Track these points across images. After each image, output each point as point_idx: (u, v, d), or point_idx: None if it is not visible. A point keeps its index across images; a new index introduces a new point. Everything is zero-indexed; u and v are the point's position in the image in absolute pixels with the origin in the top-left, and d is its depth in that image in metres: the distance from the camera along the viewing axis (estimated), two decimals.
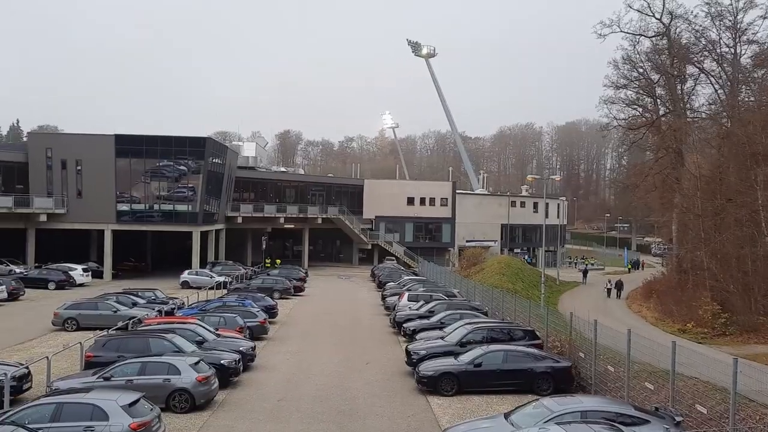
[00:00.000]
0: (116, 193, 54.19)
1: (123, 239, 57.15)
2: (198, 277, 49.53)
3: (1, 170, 54.47)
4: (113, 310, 30.56)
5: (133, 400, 14.00)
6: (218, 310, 28.67)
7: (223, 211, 62.83)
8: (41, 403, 13.76)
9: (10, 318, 34.06)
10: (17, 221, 52.55)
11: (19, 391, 17.56)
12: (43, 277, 46.84)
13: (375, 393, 20.19)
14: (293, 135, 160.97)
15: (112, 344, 20.55)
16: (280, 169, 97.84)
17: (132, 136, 54.47)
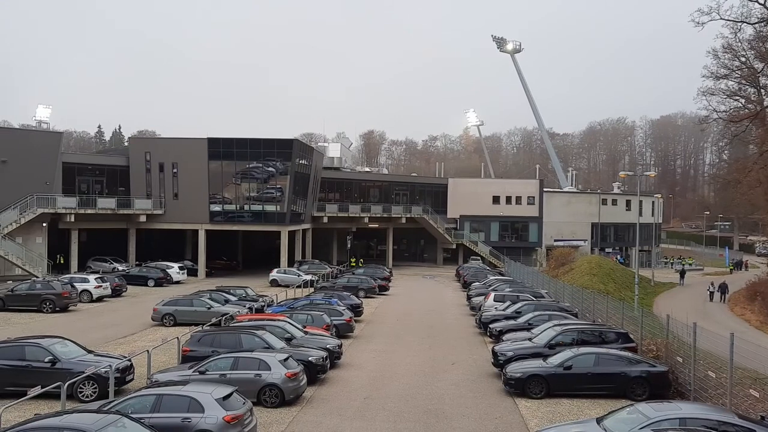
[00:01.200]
0: (209, 195, 56.45)
1: (215, 238, 59.46)
2: (286, 276, 50.78)
3: (105, 174, 57.97)
4: (207, 307, 31.79)
5: (226, 394, 14.48)
6: (306, 308, 29.25)
7: (310, 211, 64.15)
8: (143, 394, 14.46)
9: (113, 313, 36.14)
10: (120, 221, 55.81)
11: (122, 382, 18.56)
12: (143, 274, 49.46)
13: (461, 393, 19.99)
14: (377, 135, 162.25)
15: (207, 339, 21.38)
16: (365, 169, 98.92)
17: (223, 139, 56.57)
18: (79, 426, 11.40)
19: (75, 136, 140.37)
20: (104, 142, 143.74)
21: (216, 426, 13.64)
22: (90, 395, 17.86)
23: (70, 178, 54.40)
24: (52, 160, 51.69)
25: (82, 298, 38.53)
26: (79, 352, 19.25)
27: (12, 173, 48.65)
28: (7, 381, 18.06)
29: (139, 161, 57.16)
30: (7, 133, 61.32)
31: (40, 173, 50.19)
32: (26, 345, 18.88)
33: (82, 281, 40.16)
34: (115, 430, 11.55)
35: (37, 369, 18.11)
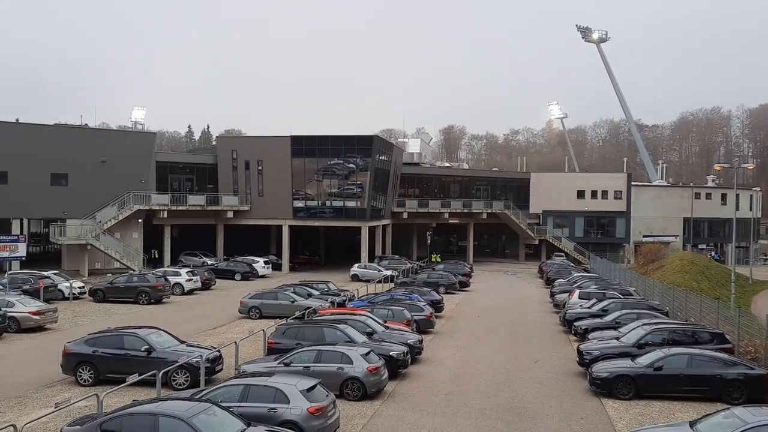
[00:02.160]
0: (292, 191, 57.82)
1: (298, 234, 60.84)
2: (367, 271, 51.31)
3: (195, 172, 60.47)
4: (291, 301, 32.61)
5: (310, 386, 14.80)
6: (386, 303, 29.49)
7: (390, 207, 64.51)
8: (231, 384, 15.01)
9: (203, 305, 37.68)
10: (208, 217, 58.12)
11: (212, 372, 19.33)
12: (231, 268, 51.28)
13: (545, 392, 19.60)
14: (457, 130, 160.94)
15: (291, 332, 21.93)
16: (445, 164, 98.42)
17: (305, 137, 57.74)
18: (174, 412, 11.96)
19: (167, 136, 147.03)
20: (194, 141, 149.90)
21: (300, 417, 13.98)
22: (182, 383, 18.71)
23: (163, 176, 57.11)
24: (146, 160, 54.42)
25: (174, 290, 40.37)
26: (173, 343, 20.19)
27: (110, 172, 51.56)
28: (108, 368, 19.22)
29: (226, 159, 59.23)
30: (105, 134, 65.01)
31: (136, 172, 52.94)
32: (124, 335, 20.00)
33: (174, 275, 42.09)
34: (206, 417, 12.04)
35: (134, 357, 19.15)
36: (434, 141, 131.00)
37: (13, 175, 48.30)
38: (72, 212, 49.71)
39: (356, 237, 59.22)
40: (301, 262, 61.78)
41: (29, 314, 28.14)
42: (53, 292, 36.46)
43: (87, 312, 34.02)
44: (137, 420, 11.98)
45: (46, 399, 17.78)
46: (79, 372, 19.41)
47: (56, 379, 19.89)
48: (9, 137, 48.71)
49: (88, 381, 19.29)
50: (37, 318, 28.33)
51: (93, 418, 12.79)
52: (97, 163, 51.35)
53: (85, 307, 35.82)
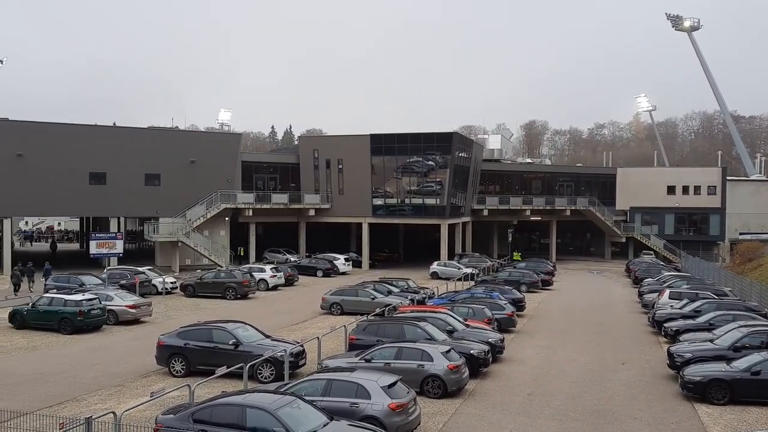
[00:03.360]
0: (372, 189, 58.36)
1: (378, 231, 61.33)
2: (446, 269, 51.12)
3: (279, 171, 62.08)
4: (371, 298, 32.93)
5: (391, 382, 14.91)
6: (467, 301, 29.27)
7: (469, 204, 63.97)
8: (314, 379, 15.33)
9: (287, 301, 38.64)
10: (291, 215, 59.56)
11: (295, 366, 19.80)
12: (313, 265, 52.34)
13: (633, 395, 18.91)
14: (539, 125, 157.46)
15: (372, 329, 22.15)
16: (526, 160, 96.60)
17: (385, 135, 58.10)
18: (261, 404, 12.35)
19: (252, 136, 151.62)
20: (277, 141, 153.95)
21: (382, 413, 14.10)
22: (268, 377, 19.27)
23: (248, 175, 58.96)
24: (232, 160, 56.35)
25: (259, 286, 41.61)
26: (258, 337, 20.84)
27: (199, 172, 53.74)
28: (198, 360, 20.07)
29: (308, 158, 60.48)
30: (194, 136, 67.75)
31: (223, 172, 54.94)
32: (213, 329, 20.80)
33: (259, 271, 43.39)
34: (290, 410, 12.35)
35: (222, 350, 19.90)
36: (515, 137, 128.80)
37: (111, 176, 51.20)
38: (164, 211, 52.16)
39: (435, 234, 59.09)
40: (381, 260, 62.26)
41: (126, 308, 29.76)
42: (147, 287, 38.35)
43: (178, 306, 35.60)
44: (227, 410, 12.45)
45: (143, 388, 18.75)
46: (172, 363, 20.36)
47: (151, 370, 20.93)
48: (107, 140, 51.65)
49: (180, 372, 20.20)
50: (134, 311, 29.90)
51: (185, 407, 13.38)
52: (187, 164, 53.63)
53: (177, 301, 37.49)
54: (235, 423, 12.18)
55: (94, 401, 17.49)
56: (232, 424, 12.18)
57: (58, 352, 23.87)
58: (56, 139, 49.43)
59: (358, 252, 60.50)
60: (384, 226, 60.94)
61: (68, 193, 49.84)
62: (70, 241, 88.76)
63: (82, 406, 16.97)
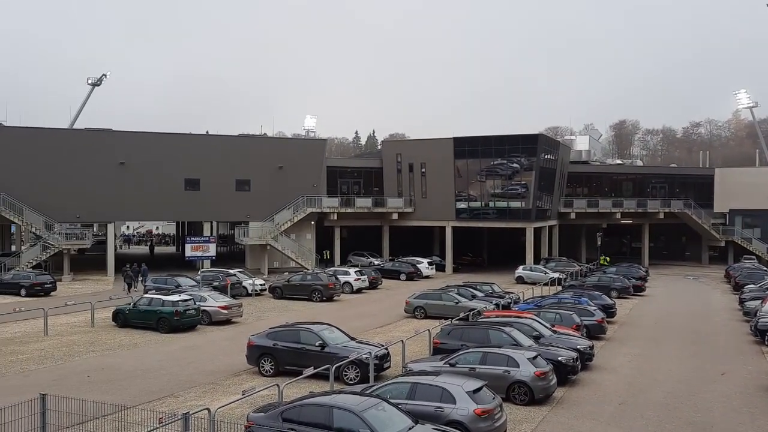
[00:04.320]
0: (455, 192, 58.07)
1: (461, 235, 60.93)
2: (532, 273, 50.13)
3: (362, 175, 62.91)
4: (455, 302, 32.75)
5: (477, 387, 14.78)
6: (554, 307, 28.57)
7: (556, 207, 62.48)
8: (399, 382, 15.42)
9: (371, 304, 39.04)
10: (375, 219, 60.17)
11: (380, 369, 19.97)
12: (396, 269, 52.62)
13: (733, 407, 17.88)
14: (629, 124, 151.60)
15: (456, 333, 22.03)
16: (616, 161, 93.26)
17: (468, 138, 57.70)
18: (347, 405, 12.55)
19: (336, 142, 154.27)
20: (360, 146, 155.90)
21: (467, 418, 14.01)
22: (353, 378, 19.54)
23: (333, 180, 60.09)
24: (318, 165, 57.61)
25: (344, 289, 42.25)
26: (344, 339, 21.18)
27: (286, 177, 55.29)
28: (286, 360, 20.62)
29: (391, 162, 60.93)
30: (282, 142, 69.73)
31: (309, 176, 56.26)
32: (301, 330, 21.32)
33: (344, 274, 44.08)
34: (376, 412, 12.48)
35: (309, 351, 20.36)
36: (604, 137, 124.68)
37: (204, 182, 53.52)
38: (253, 215, 53.98)
39: (521, 238, 58.07)
40: (465, 264, 61.81)
41: (219, 308, 30.97)
42: (238, 288, 39.76)
43: (267, 307, 36.69)
44: (314, 410, 12.74)
45: (234, 386, 19.44)
46: (262, 363, 21.02)
47: (242, 369, 21.68)
48: (200, 148, 54.05)
49: (269, 371, 20.82)
50: (226, 312, 31.08)
51: (275, 406, 13.78)
52: (275, 169, 55.28)
53: (266, 303, 38.64)
54: (322, 423, 12.43)
55: (190, 397, 18.30)
56: (320, 424, 12.43)
57: (156, 349, 25.15)
58: (154, 147, 52.20)
59: (442, 256, 60.33)
60: (468, 229, 60.49)
61: (165, 198, 52.52)
62: (167, 245, 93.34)
63: (179, 401, 17.80)
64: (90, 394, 17.13)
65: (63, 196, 48.98)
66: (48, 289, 40.29)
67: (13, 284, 40.23)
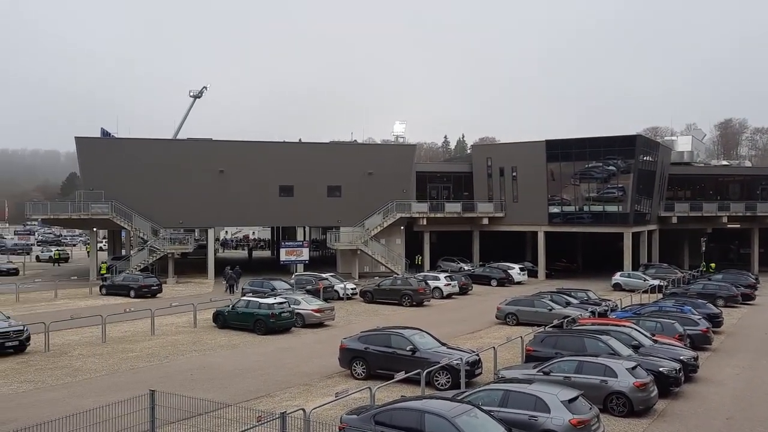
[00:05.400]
0: (548, 196, 56.74)
1: (554, 240, 59.44)
2: (630, 280, 48.22)
3: (452, 180, 62.70)
4: (548, 308, 31.98)
5: (572, 397, 14.37)
6: (654, 315, 27.36)
7: (656, 211, 59.81)
8: (491, 389, 15.21)
9: (461, 310, 38.77)
10: (464, 224, 59.76)
11: (471, 375, 19.78)
12: (487, 274, 52.02)
13: None
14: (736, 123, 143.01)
15: (550, 341, 21.50)
16: (721, 162, 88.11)
17: (561, 141, 56.31)
18: (439, 411, 12.51)
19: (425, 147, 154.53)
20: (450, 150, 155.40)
21: (562, 428, 13.64)
22: (444, 384, 19.47)
23: (422, 185, 60.24)
24: (407, 170, 57.92)
25: (434, 294, 42.20)
26: (434, 344, 21.14)
27: (376, 183, 55.96)
28: (377, 364, 20.83)
29: (481, 167, 60.35)
30: (372, 148, 70.56)
31: (398, 182, 56.68)
32: (392, 334, 21.47)
33: (434, 279, 44.02)
34: (468, 419, 12.38)
35: (400, 356, 20.46)
36: (708, 137, 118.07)
37: (297, 188, 55.09)
38: (344, 220, 54.98)
39: (618, 243, 55.95)
40: (558, 269, 60.26)
41: (312, 311, 31.73)
42: (330, 292, 40.55)
43: (358, 311, 37.22)
44: (406, 415, 12.78)
45: (327, 388, 19.84)
46: (354, 366, 21.34)
47: (334, 371, 22.09)
48: (294, 156, 55.66)
49: (361, 375, 21.10)
50: (318, 315, 31.79)
51: (367, 409, 13.95)
52: (364, 175, 56.08)
53: (356, 306, 39.21)
54: (414, 427, 12.45)
55: (285, 398, 18.84)
56: (411, 429, 12.46)
57: (253, 350, 26.06)
58: (251, 156, 54.26)
59: (534, 261, 59.09)
60: (561, 234, 58.96)
61: (261, 204, 54.45)
62: (262, 249, 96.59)
63: (275, 401, 18.36)
64: (193, 391, 17.98)
65: (167, 202, 51.82)
66: (155, 291, 42.71)
67: (124, 286, 42.90)
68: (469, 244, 61.29)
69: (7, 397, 18.67)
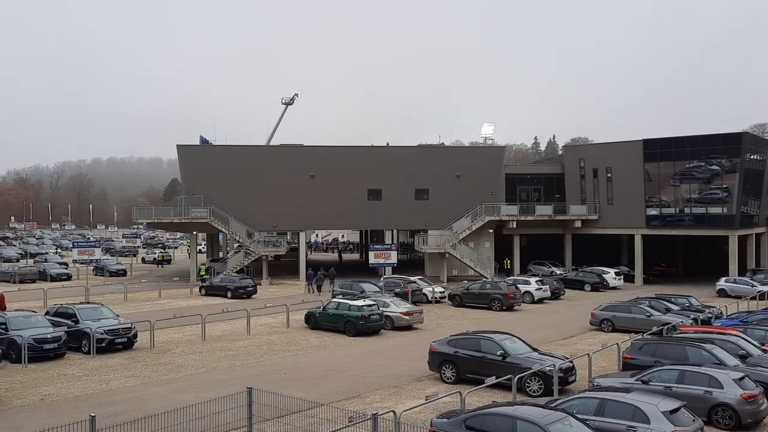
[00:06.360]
0: (645, 198, 54.42)
1: (652, 243, 56.94)
2: (737, 286, 45.47)
3: (542, 182, 61.32)
4: (646, 315, 30.65)
5: (674, 408, 13.71)
6: (763, 323, 25.65)
7: (765, 213, 56.09)
8: (586, 396, 14.74)
9: (553, 315, 37.82)
10: (556, 227, 58.27)
11: (565, 382, 19.26)
12: (580, 279, 50.49)
13: None
14: None
15: (649, 348, 20.61)
16: None
17: (660, 140, 53.86)
18: (532, 418, 12.25)
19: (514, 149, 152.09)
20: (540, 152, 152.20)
21: None
22: (536, 390, 19.06)
23: (512, 187, 59.28)
24: (496, 172, 57.19)
25: (524, 299, 41.40)
26: (525, 349, 20.73)
27: (464, 186, 55.58)
28: (467, 368, 20.67)
29: (573, 168, 58.67)
30: (459, 151, 70.21)
31: (487, 184, 56.05)
32: (481, 338, 21.23)
33: (524, 283, 43.19)
34: (562, 427, 12.06)
35: (490, 361, 20.21)
36: None
37: (385, 192, 55.60)
38: (432, 224, 54.93)
39: (723, 247, 52.87)
40: (656, 274, 57.64)
41: (401, 314, 31.89)
42: (418, 295, 40.58)
43: (446, 315, 37.06)
44: (497, 421, 12.61)
45: (417, 391, 19.88)
46: (443, 369, 21.26)
47: (423, 374, 22.09)
48: (382, 159, 56.22)
49: (450, 378, 21.00)
50: (407, 318, 31.91)
51: (457, 413, 13.87)
52: (452, 178, 55.84)
53: (445, 310, 39.05)
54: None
55: (375, 399, 19.02)
56: None
57: (343, 351, 26.50)
58: (340, 160, 55.25)
59: (630, 265, 56.81)
60: (659, 237, 56.37)
61: (350, 208, 55.35)
62: (351, 252, 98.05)
63: (365, 402, 18.58)
64: (287, 390, 18.49)
65: (261, 206, 53.62)
66: (250, 292, 44.29)
67: (221, 287, 44.73)
68: (560, 248, 59.71)
69: (116, 390, 19.89)
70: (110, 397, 19.04)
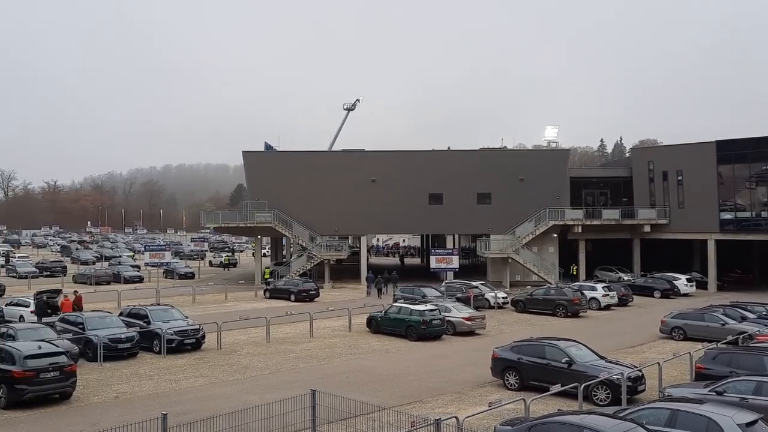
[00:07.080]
0: (719, 202, 52.24)
1: (727, 249, 54.57)
2: None
3: (609, 185, 59.73)
4: (721, 323, 29.38)
5: (750, 420, 13.05)
6: None
7: None
8: (657, 407, 14.20)
9: (620, 322, 36.74)
10: (623, 232, 56.58)
11: (633, 391, 18.66)
12: (649, 285, 48.87)
13: None
14: None
15: (723, 358, 19.73)
16: None
17: (734, 141, 51.64)
18: (599, 427, 11.89)
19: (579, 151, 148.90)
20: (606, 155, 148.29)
21: None
22: (603, 399, 18.54)
23: (577, 191, 57.95)
24: (560, 176, 56.07)
25: (590, 305, 40.39)
26: (592, 357, 20.21)
27: (527, 189, 54.74)
28: (531, 375, 20.32)
29: (642, 171, 56.92)
30: (522, 154, 69.18)
31: (551, 188, 55.02)
32: (546, 345, 20.83)
33: (590, 289, 42.13)
34: None
35: (555, 368, 19.79)
36: None
37: (447, 196, 55.37)
38: (494, 228, 54.31)
39: None
40: (731, 281, 55.12)
41: (462, 319, 31.64)
42: (480, 300, 40.19)
43: (509, 321, 36.55)
44: (563, 429, 12.30)
45: (480, 397, 19.67)
46: (506, 376, 20.98)
47: (486, 380, 21.85)
48: (443, 164, 56.04)
49: (514, 385, 20.69)
50: (469, 323, 31.63)
51: (521, 421, 13.63)
52: (515, 182, 55.09)
53: (508, 316, 38.52)
54: None
55: (437, 404, 18.93)
56: None
57: (405, 356, 26.50)
58: (401, 165, 55.41)
59: (703, 272, 54.57)
60: (734, 242, 53.96)
61: (411, 212, 55.39)
62: (412, 256, 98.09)
63: (427, 407, 18.51)
64: (349, 393, 18.62)
65: (323, 211, 54.35)
66: (312, 296, 44.92)
67: (285, 290, 45.54)
68: (627, 253, 57.96)
69: (185, 390, 20.52)
70: (180, 396, 19.66)
